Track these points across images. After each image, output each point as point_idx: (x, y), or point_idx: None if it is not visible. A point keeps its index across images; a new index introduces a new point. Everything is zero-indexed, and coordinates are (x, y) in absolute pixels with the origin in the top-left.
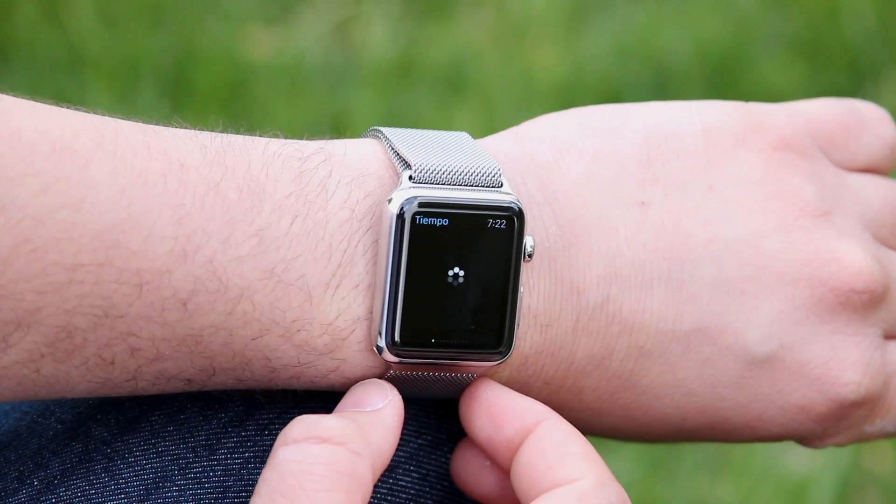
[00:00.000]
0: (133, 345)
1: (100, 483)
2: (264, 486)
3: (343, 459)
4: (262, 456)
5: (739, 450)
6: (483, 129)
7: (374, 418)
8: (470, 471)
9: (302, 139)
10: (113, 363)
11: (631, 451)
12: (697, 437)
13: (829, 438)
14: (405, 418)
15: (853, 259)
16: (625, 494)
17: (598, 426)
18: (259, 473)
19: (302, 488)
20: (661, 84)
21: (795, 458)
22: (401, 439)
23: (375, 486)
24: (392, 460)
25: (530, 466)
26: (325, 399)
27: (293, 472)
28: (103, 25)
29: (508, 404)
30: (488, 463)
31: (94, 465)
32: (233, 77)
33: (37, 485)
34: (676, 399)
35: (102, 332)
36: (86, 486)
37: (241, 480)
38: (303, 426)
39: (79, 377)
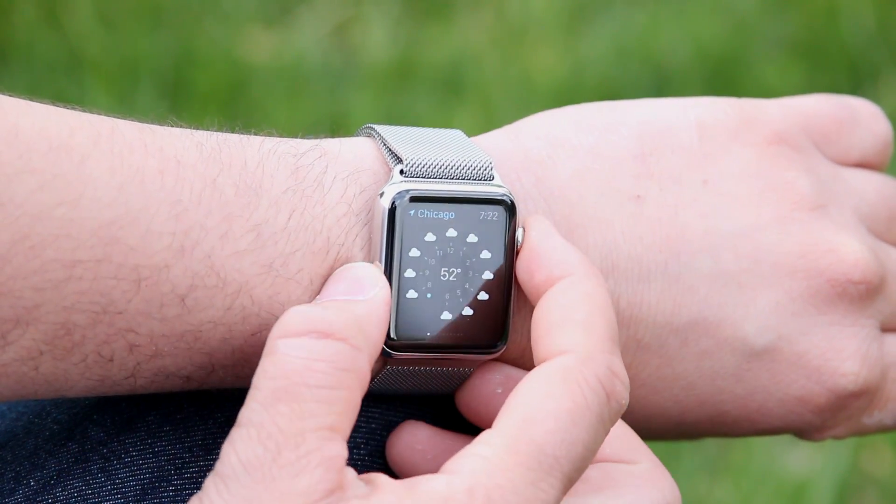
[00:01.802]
0: (132, 341)
1: (96, 483)
2: (266, 381)
3: (346, 356)
4: None
5: (739, 451)
6: (482, 130)
7: (370, 308)
8: (480, 397)
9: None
10: (112, 360)
11: None
12: (696, 431)
13: (827, 431)
14: (400, 418)
15: (849, 250)
16: (617, 367)
17: None
18: None
19: (306, 385)
20: (660, 85)
21: (795, 460)
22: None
23: None
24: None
25: (536, 323)
26: None
27: (297, 370)
28: (102, 27)
29: (545, 250)
30: (499, 390)
31: (91, 466)
32: (232, 78)
33: (33, 485)
34: (675, 392)
35: (101, 328)
36: (82, 486)
37: None
38: (303, 318)
39: (77, 375)
